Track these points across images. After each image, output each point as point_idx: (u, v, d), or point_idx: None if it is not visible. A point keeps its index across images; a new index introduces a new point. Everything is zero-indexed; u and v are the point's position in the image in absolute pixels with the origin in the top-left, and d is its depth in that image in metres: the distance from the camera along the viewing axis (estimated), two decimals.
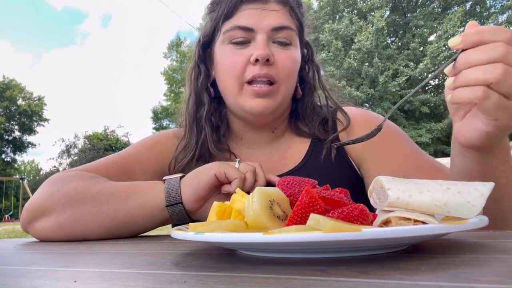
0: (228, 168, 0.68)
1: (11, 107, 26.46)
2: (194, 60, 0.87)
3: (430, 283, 0.25)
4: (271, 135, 0.87)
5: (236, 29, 0.76)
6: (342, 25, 15.91)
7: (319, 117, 0.85)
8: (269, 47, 0.76)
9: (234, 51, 0.77)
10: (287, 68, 0.77)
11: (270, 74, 0.75)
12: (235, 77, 0.77)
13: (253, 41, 0.76)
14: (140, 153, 0.85)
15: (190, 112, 0.86)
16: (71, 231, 0.68)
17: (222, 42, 0.79)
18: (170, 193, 0.68)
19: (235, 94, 0.78)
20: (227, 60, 0.78)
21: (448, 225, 0.33)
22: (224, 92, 0.81)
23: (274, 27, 0.76)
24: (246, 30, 0.76)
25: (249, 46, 0.76)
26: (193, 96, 0.86)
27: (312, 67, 0.88)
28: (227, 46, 0.78)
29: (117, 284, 0.31)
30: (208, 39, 0.84)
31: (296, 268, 0.32)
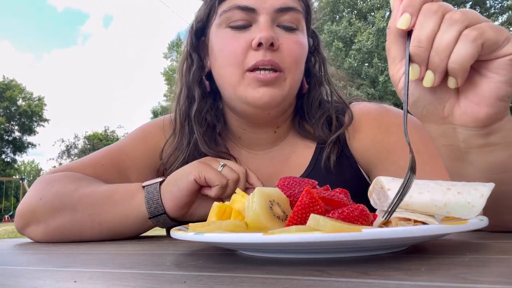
0: (209, 172, 0.64)
1: (11, 108, 26.48)
2: (186, 49, 0.78)
3: (430, 284, 0.25)
4: (272, 135, 0.78)
5: (235, 10, 0.67)
6: (341, 26, 15.90)
7: (324, 115, 0.76)
8: (273, 30, 0.67)
9: (233, 35, 0.68)
10: (294, 54, 0.68)
11: (275, 60, 0.66)
12: (234, 64, 0.67)
13: (255, 23, 0.67)
14: (133, 148, 0.80)
15: (181, 109, 0.77)
16: (61, 238, 0.68)
17: (218, 25, 0.70)
18: (151, 203, 0.65)
19: (235, 84, 0.68)
20: (225, 45, 0.69)
21: (448, 225, 0.33)
22: (222, 83, 0.72)
23: (279, 8, 0.67)
24: (246, 10, 0.67)
25: (250, 30, 0.67)
26: (184, 91, 0.77)
27: (318, 58, 0.79)
28: (225, 30, 0.69)
29: (117, 284, 0.31)
30: (202, 24, 0.75)
31: (296, 268, 0.32)
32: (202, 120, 0.76)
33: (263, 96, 0.66)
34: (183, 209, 0.66)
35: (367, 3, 16.71)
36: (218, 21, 0.70)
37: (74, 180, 0.71)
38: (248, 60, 0.66)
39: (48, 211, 0.67)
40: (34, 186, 0.72)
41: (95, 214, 0.66)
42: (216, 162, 0.68)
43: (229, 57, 0.68)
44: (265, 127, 0.77)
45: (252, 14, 0.67)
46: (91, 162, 0.77)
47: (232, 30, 0.68)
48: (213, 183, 0.64)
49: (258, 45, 0.65)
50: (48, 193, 0.69)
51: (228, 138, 0.81)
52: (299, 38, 0.69)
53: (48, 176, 0.74)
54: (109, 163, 0.77)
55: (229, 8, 0.68)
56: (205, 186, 0.66)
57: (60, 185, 0.69)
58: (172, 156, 0.78)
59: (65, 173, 0.73)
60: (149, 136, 0.82)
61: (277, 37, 0.67)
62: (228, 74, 0.69)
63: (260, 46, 0.65)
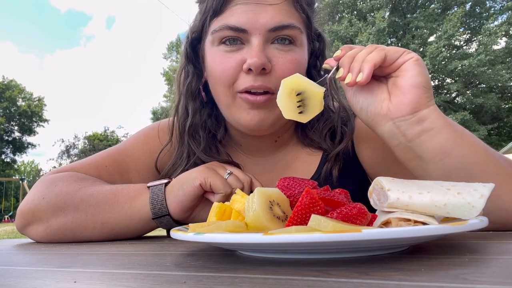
0: (215, 179, 0.63)
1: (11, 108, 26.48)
2: (182, 60, 0.77)
3: (430, 284, 0.25)
4: (273, 144, 0.77)
5: (226, 30, 0.65)
6: (342, 26, 15.91)
7: (327, 125, 0.75)
8: (265, 52, 0.64)
9: (224, 55, 0.66)
10: (288, 74, 0.64)
11: (266, 85, 0.64)
12: (226, 85, 0.66)
13: (247, 43, 0.65)
14: (135, 150, 0.80)
15: (180, 120, 0.76)
16: (62, 238, 0.68)
17: (211, 43, 0.68)
18: (155, 204, 0.64)
19: (228, 104, 0.68)
20: (217, 65, 0.67)
21: (448, 226, 0.33)
22: (217, 100, 0.72)
23: (273, 28, 0.64)
24: (238, 31, 0.64)
25: (243, 50, 0.65)
26: (183, 101, 0.76)
27: (323, 63, 0.75)
28: (217, 48, 0.67)
29: (117, 284, 0.31)
30: (197, 35, 0.73)
31: (296, 268, 0.32)
32: (203, 130, 0.75)
33: (253, 118, 0.66)
34: (187, 212, 0.66)
35: (367, 3, 16.72)
36: (211, 38, 0.68)
37: (77, 180, 0.71)
38: (239, 83, 0.65)
39: (50, 211, 0.67)
40: (36, 186, 0.72)
41: (98, 213, 0.66)
42: (223, 169, 0.68)
43: (221, 78, 0.67)
44: (265, 138, 0.76)
45: (244, 34, 0.65)
46: (94, 163, 0.77)
47: (224, 47, 0.66)
48: (218, 190, 0.64)
49: (248, 69, 0.64)
50: (51, 192, 0.68)
51: (229, 144, 0.81)
52: (294, 56, 0.67)
53: (51, 176, 0.74)
54: (112, 164, 0.77)
55: (220, 28, 0.65)
56: (209, 192, 0.66)
57: (63, 184, 0.69)
58: (171, 168, 0.77)
59: (68, 173, 0.73)
60: (151, 138, 0.82)
61: (271, 56, 0.65)
62: (220, 93, 0.69)
63: (250, 70, 0.64)
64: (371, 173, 0.74)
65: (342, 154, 0.74)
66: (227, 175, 0.66)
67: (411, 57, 0.54)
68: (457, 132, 0.53)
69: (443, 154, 0.52)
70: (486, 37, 14.40)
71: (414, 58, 0.54)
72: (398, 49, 0.55)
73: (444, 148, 0.52)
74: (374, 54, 0.53)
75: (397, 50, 0.55)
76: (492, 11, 15.74)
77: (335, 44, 15.15)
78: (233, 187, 0.64)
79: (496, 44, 14.75)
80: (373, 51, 0.54)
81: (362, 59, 0.54)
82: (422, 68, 0.53)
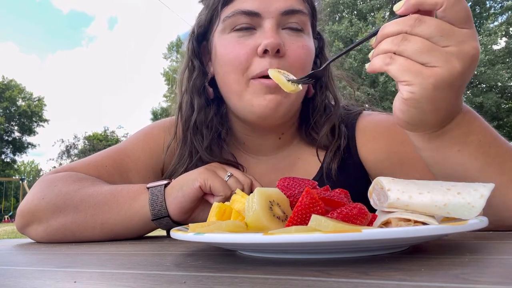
0: (215, 181, 0.63)
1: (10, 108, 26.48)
2: (187, 56, 0.75)
3: (430, 284, 0.25)
4: (277, 141, 0.76)
5: (239, 15, 0.65)
6: (342, 26, 15.91)
7: (327, 122, 0.74)
8: (279, 35, 0.64)
9: (237, 40, 0.66)
10: (301, 59, 0.66)
11: (284, 68, 0.63)
12: (239, 71, 0.65)
13: (259, 28, 0.65)
14: (135, 150, 0.80)
15: (184, 117, 0.75)
16: (62, 238, 0.68)
17: (222, 31, 0.68)
18: (154, 206, 0.64)
19: (240, 91, 0.66)
20: (229, 52, 0.66)
21: (448, 226, 0.33)
22: (226, 91, 0.70)
23: (285, 11, 0.64)
24: (250, 15, 0.64)
25: (255, 35, 0.65)
26: (187, 99, 0.75)
27: (323, 61, 0.77)
28: (228, 36, 0.67)
29: (116, 284, 0.31)
30: (204, 29, 0.73)
31: (296, 268, 0.32)
32: (206, 129, 0.74)
33: (269, 103, 0.64)
34: (186, 213, 0.66)
35: (367, 3, 16.72)
36: (221, 26, 0.68)
37: (77, 180, 0.71)
38: (253, 68, 0.64)
39: (50, 211, 0.67)
40: (36, 186, 0.72)
41: (97, 214, 0.66)
42: (223, 170, 0.67)
43: (234, 64, 0.66)
44: (270, 134, 0.75)
45: (257, 19, 0.65)
46: (94, 163, 0.77)
47: (236, 35, 0.66)
48: (218, 193, 0.63)
49: (263, 52, 0.63)
50: (51, 192, 0.68)
51: (232, 143, 0.80)
52: (305, 42, 0.67)
53: (51, 176, 0.73)
54: (112, 164, 0.77)
55: (233, 13, 0.65)
56: (209, 194, 0.65)
57: (63, 185, 0.69)
58: (173, 169, 0.77)
59: (68, 173, 0.73)
60: (151, 138, 0.82)
61: (283, 42, 0.65)
62: (232, 81, 0.67)
63: (265, 53, 0.63)
64: (373, 173, 0.74)
65: (342, 150, 0.73)
66: (227, 177, 0.66)
67: (404, 90, 0.44)
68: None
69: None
70: (486, 37, 14.39)
71: (403, 96, 0.45)
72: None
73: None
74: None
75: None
76: (492, 11, 15.74)
77: (335, 44, 15.17)
78: (233, 189, 0.64)
79: (496, 44, 14.73)
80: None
81: (384, 50, 0.45)
82: (408, 107, 0.46)
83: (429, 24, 0.42)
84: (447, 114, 0.47)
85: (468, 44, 0.42)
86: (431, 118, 0.47)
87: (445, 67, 0.42)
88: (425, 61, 0.42)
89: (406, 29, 0.43)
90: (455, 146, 0.49)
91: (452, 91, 0.44)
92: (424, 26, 0.42)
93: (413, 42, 0.42)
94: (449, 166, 0.51)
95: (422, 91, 0.43)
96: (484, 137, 0.50)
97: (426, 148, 0.52)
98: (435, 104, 0.44)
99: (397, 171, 0.69)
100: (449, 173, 0.51)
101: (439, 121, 0.48)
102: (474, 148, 0.49)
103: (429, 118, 0.47)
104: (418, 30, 0.42)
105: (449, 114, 0.47)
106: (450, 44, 0.42)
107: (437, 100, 0.44)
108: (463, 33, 0.42)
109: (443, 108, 0.46)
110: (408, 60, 0.43)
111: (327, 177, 0.73)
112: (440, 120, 0.48)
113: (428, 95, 0.43)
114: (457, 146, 0.49)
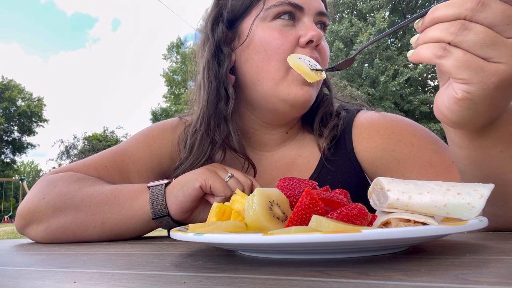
0: (215, 182, 0.63)
1: (10, 108, 26.47)
2: (213, 42, 0.72)
3: (430, 284, 0.25)
4: (284, 136, 0.78)
5: (286, 5, 0.68)
6: (342, 26, 15.92)
7: (329, 115, 0.77)
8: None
9: (281, 29, 0.68)
10: (327, 54, 0.73)
11: (319, 59, 0.69)
12: (281, 59, 0.67)
13: (298, 22, 0.70)
14: (135, 151, 0.80)
15: (208, 107, 0.71)
16: (62, 238, 0.68)
17: (263, 19, 0.70)
18: (155, 205, 0.65)
19: (278, 79, 0.68)
20: (273, 39, 0.68)
21: (448, 226, 0.33)
22: (259, 78, 0.69)
23: (320, 11, 0.71)
24: (296, 7, 0.69)
25: (296, 27, 0.69)
26: (213, 87, 0.71)
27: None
28: (271, 24, 0.69)
29: (116, 285, 0.31)
30: (235, 15, 0.73)
31: (296, 269, 0.32)
32: (225, 120, 0.72)
33: (305, 93, 0.68)
34: (187, 213, 0.66)
35: (367, 3, 16.73)
36: (264, 14, 0.70)
37: (77, 180, 0.71)
38: None
39: (50, 211, 0.67)
40: (36, 186, 0.72)
41: (98, 213, 0.66)
42: (224, 171, 0.68)
43: (277, 52, 0.68)
44: (278, 128, 0.77)
45: (299, 13, 0.69)
46: (94, 164, 0.77)
47: (280, 24, 0.69)
48: (218, 193, 0.64)
49: (307, 42, 0.68)
50: (51, 192, 0.68)
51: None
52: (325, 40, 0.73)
53: (51, 176, 0.74)
54: (112, 165, 0.77)
55: (280, 3, 0.68)
56: (209, 194, 0.66)
57: (63, 184, 0.69)
58: (187, 162, 0.74)
59: (68, 173, 0.73)
60: (151, 139, 0.82)
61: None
62: (272, 68, 0.68)
63: (308, 44, 0.68)
64: (368, 171, 0.74)
65: (337, 138, 0.75)
66: (228, 177, 0.66)
67: (459, 89, 0.38)
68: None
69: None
70: None
71: (457, 96, 0.39)
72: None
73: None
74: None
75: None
76: None
77: (335, 44, 15.18)
78: (234, 190, 0.64)
79: None
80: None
81: (435, 37, 0.39)
82: (460, 108, 0.40)
83: (495, 9, 0.35)
84: (499, 114, 0.42)
85: None
86: (484, 118, 0.41)
87: (510, 63, 0.36)
88: (488, 55, 0.36)
89: (466, 13, 0.36)
90: (498, 146, 0.45)
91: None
92: (488, 12, 0.35)
93: (475, 31, 0.36)
94: (487, 167, 0.47)
95: (482, 92, 0.37)
96: None
97: (466, 147, 0.46)
98: (492, 104, 0.39)
99: (393, 170, 0.69)
100: (485, 174, 0.48)
101: (490, 120, 0.42)
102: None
103: (481, 118, 0.41)
104: (481, 17, 0.35)
105: (501, 113, 0.42)
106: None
107: (496, 100, 0.38)
108: None
109: (499, 108, 0.40)
110: (468, 53, 0.36)
111: (324, 173, 0.74)
112: (491, 120, 0.42)
113: (487, 96, 0.37)
114: (500, 146, 0.45)
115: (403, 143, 0.69)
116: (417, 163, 0.67)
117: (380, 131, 0.72)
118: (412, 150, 0.67)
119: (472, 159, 0.48)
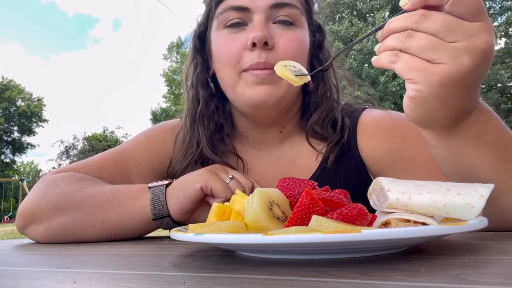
0: (216, 184, 0.64)
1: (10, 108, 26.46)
2: (191, 53, 0.80)
3: (430, 284, 0.25)
4: (278, 135, 0.78)
5: (230, 10, 0.68)
6: (342, 26, 15.93)
7: (329, 115, 0.76)
8: (268, 28, 0.67)
9: (229, 36, 0.69)
10: (291, 51, 0.67)
11: (270, 62, 0.65)
12: (231, 65, 0.68)
13: (250, 23, 0.68)
14: (136, 152, 0.81)
15: (190, 111, 0.78)
16: (62, 238, 0.68)
17: (216, 28, 0.72)
18: (156, 205, 0.65)
19: (233, 84, 0.69)
20: (222, 47, 0.70)
21: (448, 226, 0.33)
22: (223, 84, 0.73)
23: (273, 4, 0.67)
24: (241, 10, 0.68)
25: (246, 30, 0.68)
26: (192, 93, 0.78)
27: (322, 55, 0.78)
28: (222, 32, 0.70)
29: (116, 285, 0.31)
30: (204, 28, 0.77)
31: (296, 269, 0.32)
32: (209, 121, 0.77)
33: (259, 94, 0.67)
34: (187, 214, 0.66)
35: (367, 3, 16.73)
36: (216, 23, 0.72)
37: (78, 180, 0.71)
38: (244, 61, 0.67)
39: (51, 210, 0.67)
40: (37, 186, 0.72)
41: (98, 213, 0.66)
42: (225, 172, 0.68)
43: (226, 59, 0.69)
44: (270, 127, 0.77)
45: (247, 14, 0.68)
46: (95, 164, 0.77)
47: (228, 31, 0.69)
48: (219, 195, 0.64)
49: (252, 45, 0.65)
50: (52, 192, 0.69)
51: (235, 138, 0.82)
52: (296, 34, 0.69)
53: (52, 176, 0.74)
54: (113, 165, 0.78)
55: (224, 9, 0.69)
56: (210, 195, 0.66)
57: (64, 184, 0.69)
58: (182, 160, 0.78)
59: (69, 173, 0.73)
60: (152, 140, 0.83)
61: (273, 35, 0.67)
62: (226, 75, 0.70)
63: (254, 46, 0.66)
64: (373, 169, 0.73)
65: (342, 144, 0.74)
66: (229, 179, 0.66)
67: (410, 88, 0.43)
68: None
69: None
70: None
71: (409, 94, 0.43)
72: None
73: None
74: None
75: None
76: (491, 11, 15.74)
77: (335, 44, 15.18)
78: (234, 192, 0.64)
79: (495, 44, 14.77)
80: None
81: (390, 46, 0.44)
82: (415, 106, 0.44)
83: (435, 19, 0.40)
84: (460, 112, 0.45)
85: (479, 38, 0.40)
86: (441, 116, 0.45)
87: (452, 64, 0.40)
88: (431, 58, 0.40)
89: (412, 25, 0.42)
90: (470, 145, 0.48)
91: (461, 88, 0.42)
92: (429, 22, 0.40)
93: (418, 38, 0.41)
94: (461, 165, 0.50)
95: (428, 89, 0.41)
96: (501, 138, 0.48)
97: (439, 146, 0.50)
98: (443, 101, 0.43)
99: (398, 169, 0.69)
100: (460, 172, 0.50)
101: (451, 118, 0.46)
102: (490, 148, 0.48)
103: (438, 116, 0.45)
104: (423, 26, 0.41)
105: (462, 111, 0.45)
106: (458, 39, 0.40)
107: (445, 97, 0.42)
108: (473, 26, 0.40)
109: (453, 105, 0.44)
110: (414, 57, 0.41)
111: (327, 170, 0.73)
112: (453, 118, 0.46)
113: (434, 93, 0.41)
114: (472, 145, 0.48)
115: (408, 142, 0.69)
116: (422, 161, 0.66)
117: (385, 129, 0.72)
118: (417, 148, 0.67)
119: (447, 158, 0.51)
